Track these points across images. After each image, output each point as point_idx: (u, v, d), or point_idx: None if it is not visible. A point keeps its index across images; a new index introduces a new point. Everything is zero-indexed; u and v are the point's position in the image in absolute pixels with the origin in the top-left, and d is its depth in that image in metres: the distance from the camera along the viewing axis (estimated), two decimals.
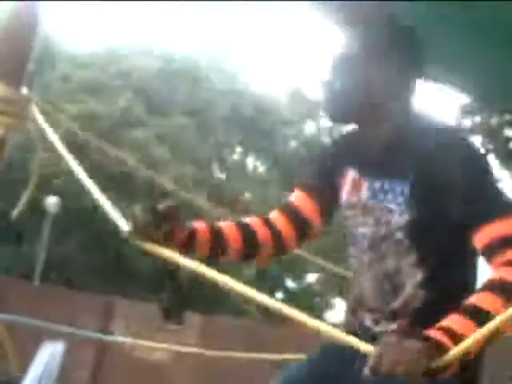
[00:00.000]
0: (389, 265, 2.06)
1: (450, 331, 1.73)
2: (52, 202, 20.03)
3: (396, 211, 2.03)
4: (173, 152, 23.39)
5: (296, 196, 2.38)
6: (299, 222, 2.38)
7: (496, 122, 11.48)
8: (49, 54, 23.62)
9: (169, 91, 24.01)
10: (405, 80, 2.12)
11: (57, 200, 20.15)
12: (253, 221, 2.35)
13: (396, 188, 2.04)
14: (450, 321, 1.76)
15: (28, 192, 2.70)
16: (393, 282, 2.05)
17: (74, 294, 12.05)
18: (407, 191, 2.01)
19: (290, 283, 26.00)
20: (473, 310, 1.76)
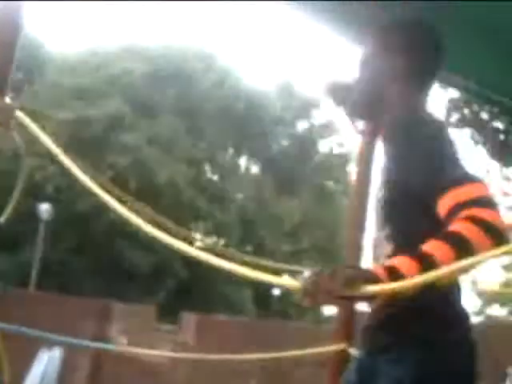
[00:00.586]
0: (376, 237, 2.26)
1: (392, 268, 1.82)
2: (44, 209, 20.05)
3: (382, 188, 2.25)
4: (164, 154, 23.38)
5: None
6: None
7: (485, 115, 11.54)
8: (37, 62, 23.59)
9: (158, 92, 23.97)
10: (417, 81, 2.26)
11: (49, 206, 20.17)
12: None
13: (384, 168, 2.26)
14: (398, 260, 1.86)
15: (14, 198, 2.70)
16: (376, 253, 2.25)
17: (70, 299, 12.04)
18: (384, 171, 2.24)
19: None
20: (420, 255, 1.84)
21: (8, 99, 2.51)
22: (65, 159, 2.44)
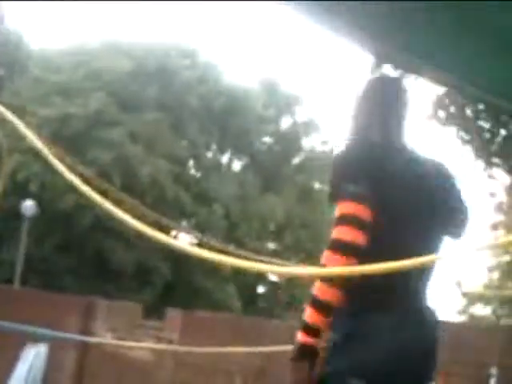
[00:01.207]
0: None
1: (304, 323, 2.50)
2: (28, 206, 19.97)
3: None
4: (147, 149, 23.31)
5: None
6: None
7: (470, 113, 11.54)
8: (19, 58, 23.45)
9: (140, 88, 23.85)
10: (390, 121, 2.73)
11: (33, 203, 20.10)
12: None
13: None
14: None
15: None
16: None
17: (55, 296, 12.00)
18: None
19: None
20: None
21: None
22: (49, 155, 2.43)
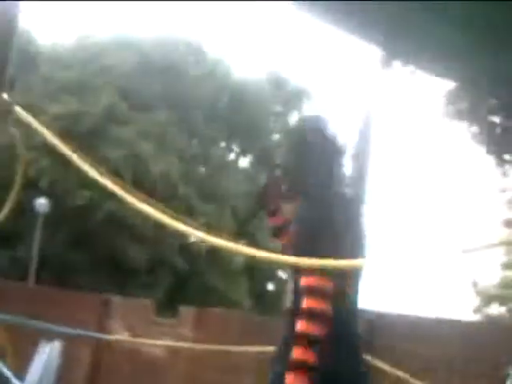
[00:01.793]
0: None
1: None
2: (41, 203, 20.04)
3: None
4: (158, 147, 23.30)
5: None
6: None
7: (482, 108, 11.49)
8: (29, 56, 23.48)
9: (149, 84, 23.80)
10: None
11: (46, 201, 20.17)
12: None
13: None
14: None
15: (13, 193, 2.70)
16: None
17: (69, 293, 12.04)
18: None
19: None
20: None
21: (5, 95, 2.51)
22: (66, 150, 2.45)
